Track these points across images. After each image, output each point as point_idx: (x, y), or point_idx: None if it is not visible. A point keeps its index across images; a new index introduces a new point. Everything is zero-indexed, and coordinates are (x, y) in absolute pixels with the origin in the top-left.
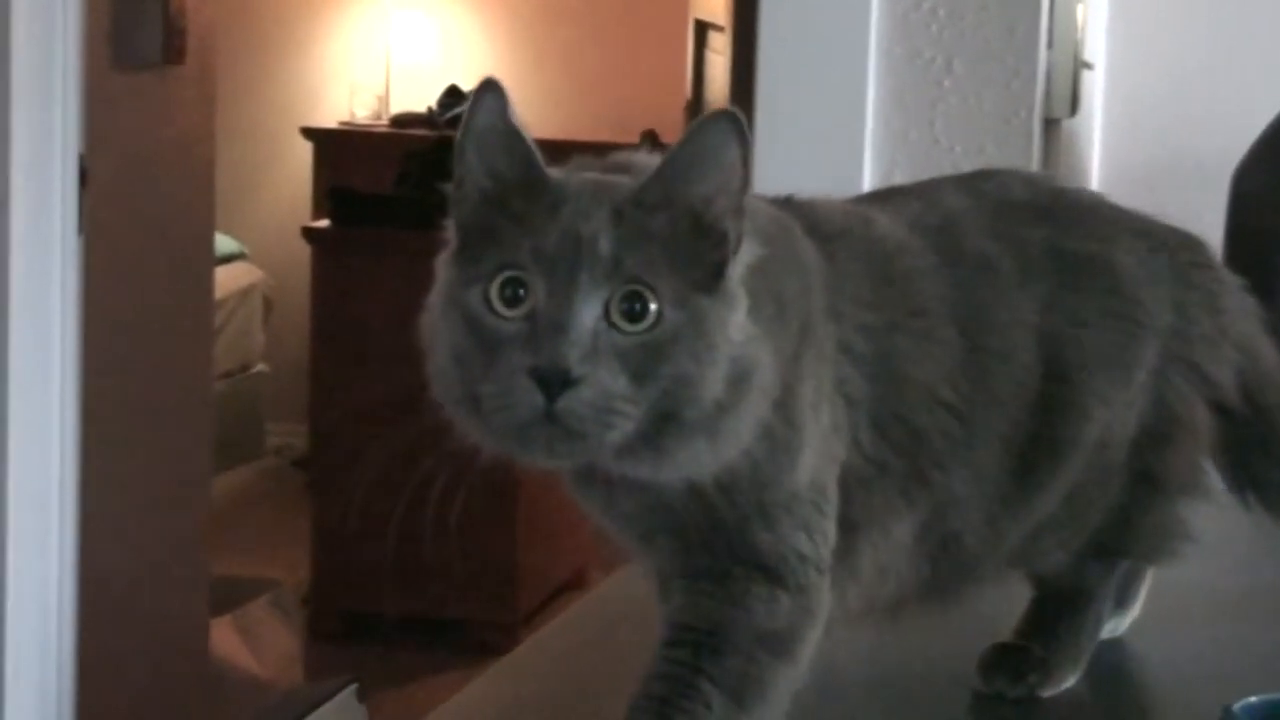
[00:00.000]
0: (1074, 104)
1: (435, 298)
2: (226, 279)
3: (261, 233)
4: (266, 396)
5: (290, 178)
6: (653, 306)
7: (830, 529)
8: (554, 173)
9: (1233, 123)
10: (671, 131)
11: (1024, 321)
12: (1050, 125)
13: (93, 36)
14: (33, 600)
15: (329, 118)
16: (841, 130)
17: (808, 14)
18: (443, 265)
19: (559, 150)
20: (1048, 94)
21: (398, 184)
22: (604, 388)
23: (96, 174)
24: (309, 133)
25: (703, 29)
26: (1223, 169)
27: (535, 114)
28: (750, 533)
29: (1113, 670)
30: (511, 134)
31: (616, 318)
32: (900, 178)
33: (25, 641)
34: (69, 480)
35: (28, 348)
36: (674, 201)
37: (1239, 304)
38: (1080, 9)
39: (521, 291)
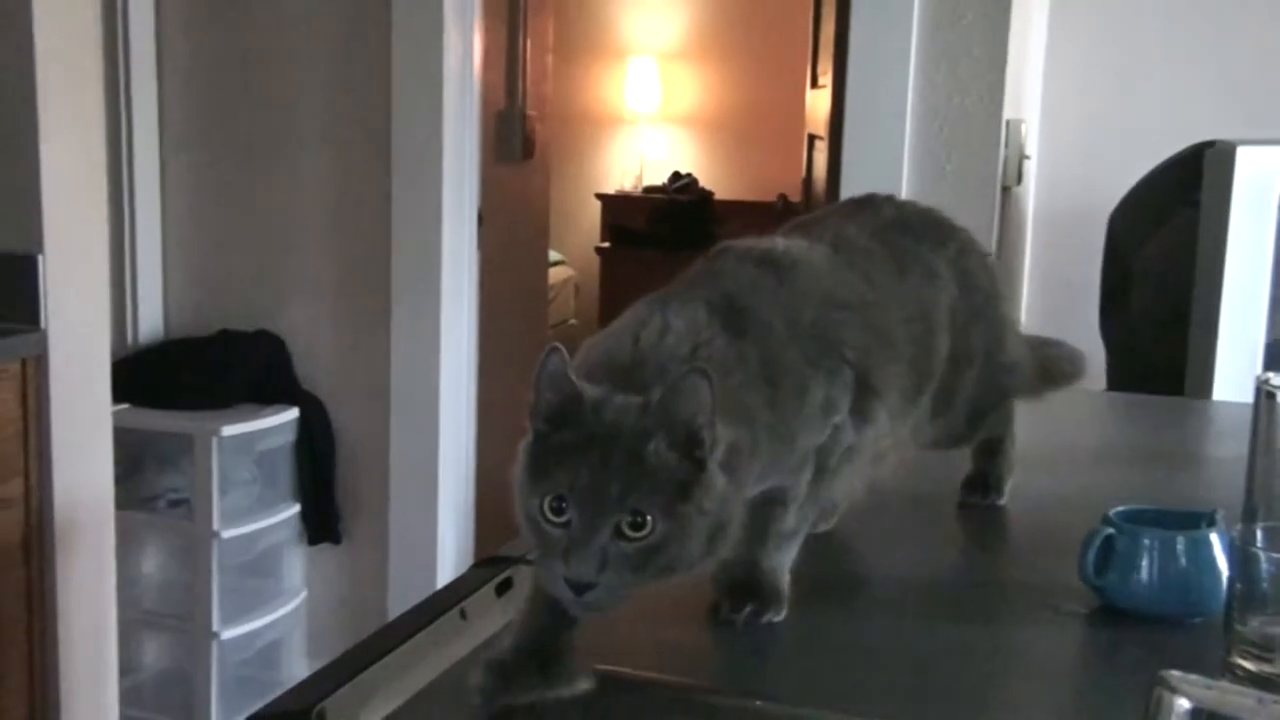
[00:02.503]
0: (1019, 178)
1: (519, 473)
2: (555, 276)
3: (574, 249)
4: (577, 339)
5: (589, 220)
6: (649, 520)
7: (842, 412)
8: (593, 396)
9: (1116, 187)
10: (795, 194)
11: (904, 293)
12: (1005, 191)
13: (485, 142)
14: (451, 448)
15: (610, 187)
16: None
17: (870, 134)
18: (522, 452)
19: (732, 206)
20: (1004, 172)
21: (647, 224)
22: (613, 585)
23: (488, 219)
24: (599, 196)
25: (812, 139)
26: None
27: (717, 182)
28: None
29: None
30: (567, 380)
31: (624, 530)
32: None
33: (450, 472)
34: (472, 390)
35: (451, 317)
36: (669, 423)
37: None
38: (1024, 126)
39: (563, 505)
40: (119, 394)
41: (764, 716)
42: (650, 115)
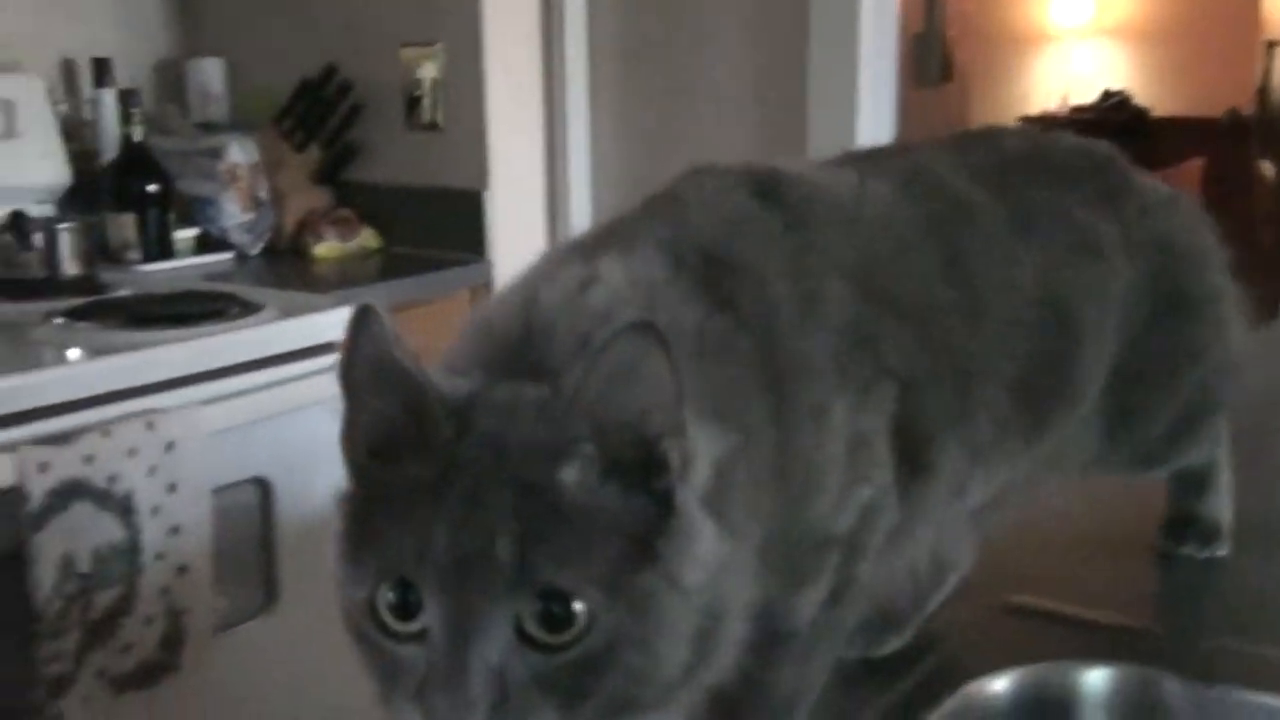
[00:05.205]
0: None
1: (335, 547)
2: None
3: None
4: None
5: None
6: (578, 608)
7: (881, 468)
8: (453, 395)
9: None
10: (1246, 107)
11: (1019, 261)
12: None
13: (902, 66)
14: None
15: (1034, 109)
16: None
17: None
18: (339, 508)
19: (1171, 124)
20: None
21: None
22: None
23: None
24: (1022, 119)
25: (1271, 45)
26: None
27: (1154, 98)
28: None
29: None
30: (397, 368)
31: (533, 631)
32: None
33: None
34: None
35: None
36: (601, 428)
37: (1162, 198)
38: None
39: (413, 597)
40: None
41: (1211, 659)
42: (1079, 29)
